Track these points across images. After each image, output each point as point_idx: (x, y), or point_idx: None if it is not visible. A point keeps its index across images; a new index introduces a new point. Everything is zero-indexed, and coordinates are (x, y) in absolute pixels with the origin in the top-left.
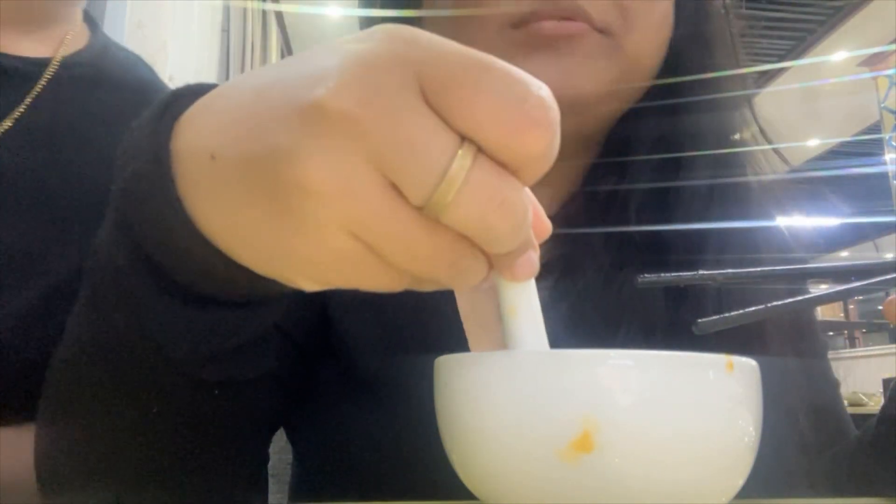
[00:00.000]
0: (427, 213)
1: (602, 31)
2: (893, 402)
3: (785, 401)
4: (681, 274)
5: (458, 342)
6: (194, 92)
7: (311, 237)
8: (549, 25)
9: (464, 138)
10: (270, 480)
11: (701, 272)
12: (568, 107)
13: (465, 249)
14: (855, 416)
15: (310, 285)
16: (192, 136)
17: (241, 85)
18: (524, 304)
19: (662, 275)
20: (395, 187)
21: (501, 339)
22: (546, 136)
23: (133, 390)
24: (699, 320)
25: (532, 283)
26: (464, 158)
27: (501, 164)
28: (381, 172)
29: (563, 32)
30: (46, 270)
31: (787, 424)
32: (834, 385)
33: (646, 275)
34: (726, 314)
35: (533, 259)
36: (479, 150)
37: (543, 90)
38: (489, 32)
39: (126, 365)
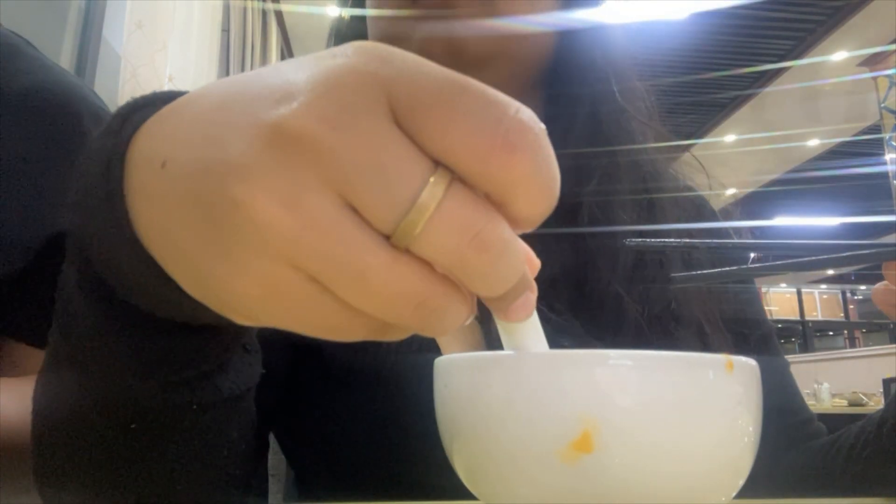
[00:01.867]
0: (394, 242)
1: None
2: (894, 406)
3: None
4: (711, 272)
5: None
6: (161, 99)
7: (244, 265)
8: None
9: (438, 164)
10: (270, 480)
11: (727, 269)
12: (462, 66)
13: (436, 286)
14: (855, 417)
15: (242, 320)
16: (148, 141)
17: (208, 93)
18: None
19: (692, 274)
20: (355, 213)
21: (471, 340)
22: (524, 159)
23: (113, 410)
24: (674, 274)
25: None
26: (436, 185)
27: (485, 195)
28: (342, 197)
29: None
30: None
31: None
32: (786, 365)
33: (678, 274)
34: (700, 272)
35: (530, 301)
36: (455, 178)
37: (523, 112)
38: (397, 14)
39: (97, 382)
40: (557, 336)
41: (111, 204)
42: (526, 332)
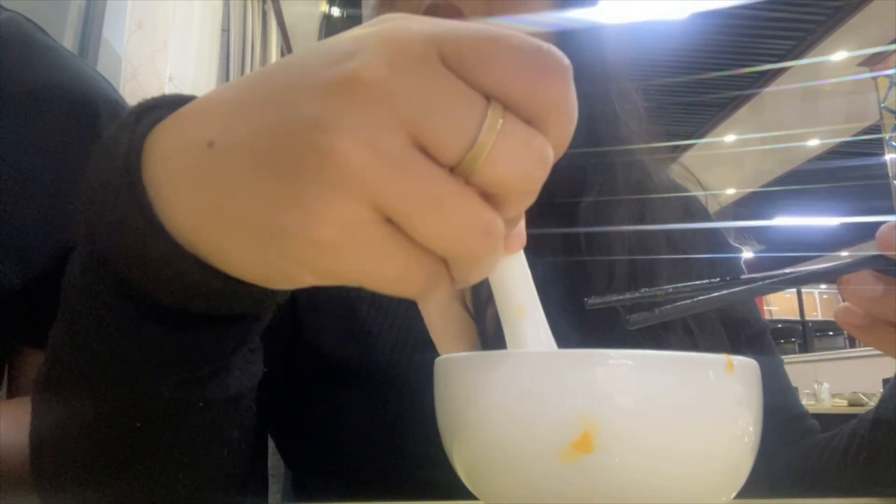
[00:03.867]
0: (459, 171)
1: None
2: (886, 404)
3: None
4: (624, 296)
5: (420, 333)
6: (172, 101)
7: (326, 211)
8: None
9: (489, 99)
10: (270, 480)
11: (644, 290)
12: None
13: (494, 213)
14: (855, 417)
15: (310, 277)
16: (180, 131)
17: (240, 82)
18: (530, 302)
19: (608, 298)
20: (424, 150)
21: (469, 340)
22: (561, 81)
23: (121, 413)
24: (630, 316)
25: (531, 283)
26: (493, 116)
27: (527, 121)
28: (412, 136)
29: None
30: None
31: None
32: (780, 363)
33: (594, 297)
34: (658, 309)
35: (522, 231)
36: (506, 108)
37: (552, 47)
38: (403, 7)
39: (108, 386)
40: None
41: (134, 195)
42: (520, 282)
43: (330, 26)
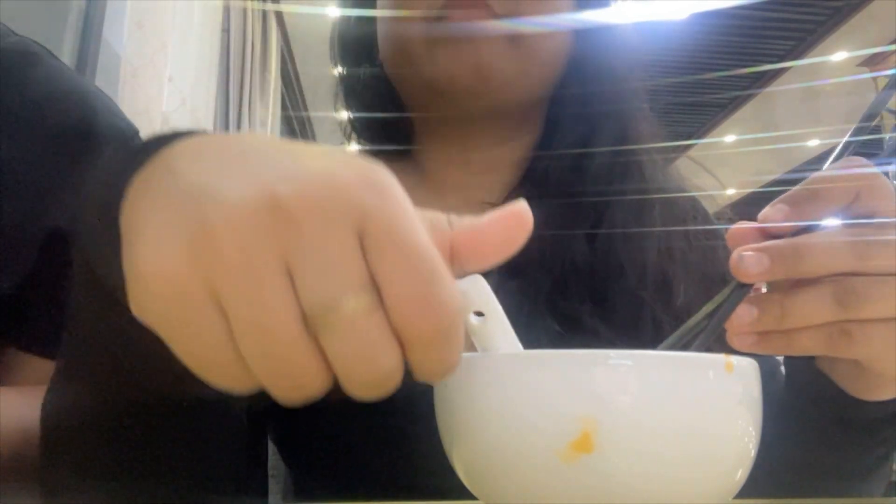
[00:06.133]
0: (308, 320)
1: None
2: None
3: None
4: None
5: None
6: (182, 135)
7: (172, 259)
8: (457, 25)
9: (371, 284)
10: (270, 481)
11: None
12: (482, 91)
13: (320, 373)
14: None
15: (135, 309)
16: (167, 154)
17: (237, 141)
18: (490, 309)
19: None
20: (290, 279)
21: (467, 341)
22: (442, 319)
23: (116, 405)
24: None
25: (489, 290)
26: (361, 297)
27: (394, 331)
28: (287, 265)
29: (471, 29)
30: None
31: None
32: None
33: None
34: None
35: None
36: (381, 303)
37: (456, 299)
38: (415, 28)
39: (112, 382)
40: (569, 327)
41: (108, 214)
42: (492, 308)
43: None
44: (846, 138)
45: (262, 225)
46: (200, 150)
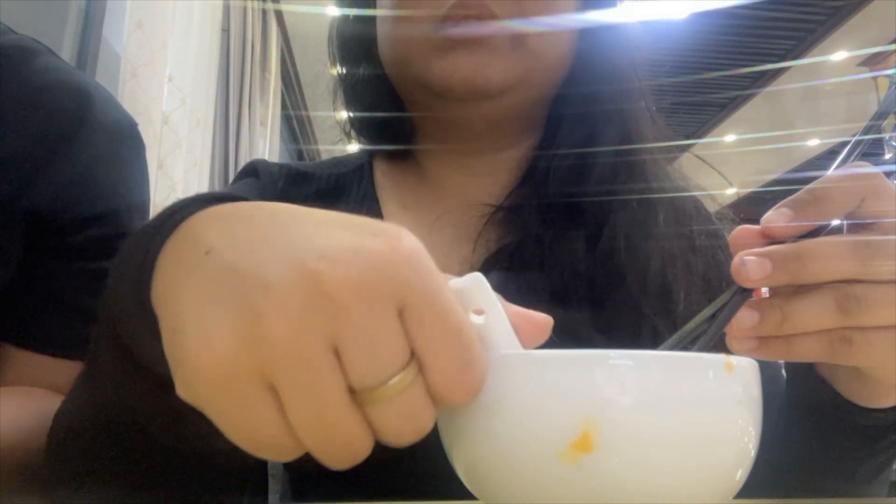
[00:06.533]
0: (356, 397)
1: (506, 27)
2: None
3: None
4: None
5: None
6: (203, 199)
7: (225, 350)
8: (459, 29)
9: (412, 357)
10: (270, 481)
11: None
12: (483, 95)
13: (364, 441)
14: None
15: (181, 391)
16: (196, 229)
17: (271, 213)
18: (491, 307)
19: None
20: (338, 358)
21: None
22: (477, 387)
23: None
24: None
25: (491, 289)
26: (407, 373)
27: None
28: (334, 346)
29: (473, 33)
30: None
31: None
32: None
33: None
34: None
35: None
36: (420, 370)
37: (485, 366)
38: (417, 31)
39: (113, 428)
40: (566, 336)
41: (140, 287)
42: (492, 307)
43: (341, 33)
44: (856, 137)
45: (309, 308)
46: (227, 225)
